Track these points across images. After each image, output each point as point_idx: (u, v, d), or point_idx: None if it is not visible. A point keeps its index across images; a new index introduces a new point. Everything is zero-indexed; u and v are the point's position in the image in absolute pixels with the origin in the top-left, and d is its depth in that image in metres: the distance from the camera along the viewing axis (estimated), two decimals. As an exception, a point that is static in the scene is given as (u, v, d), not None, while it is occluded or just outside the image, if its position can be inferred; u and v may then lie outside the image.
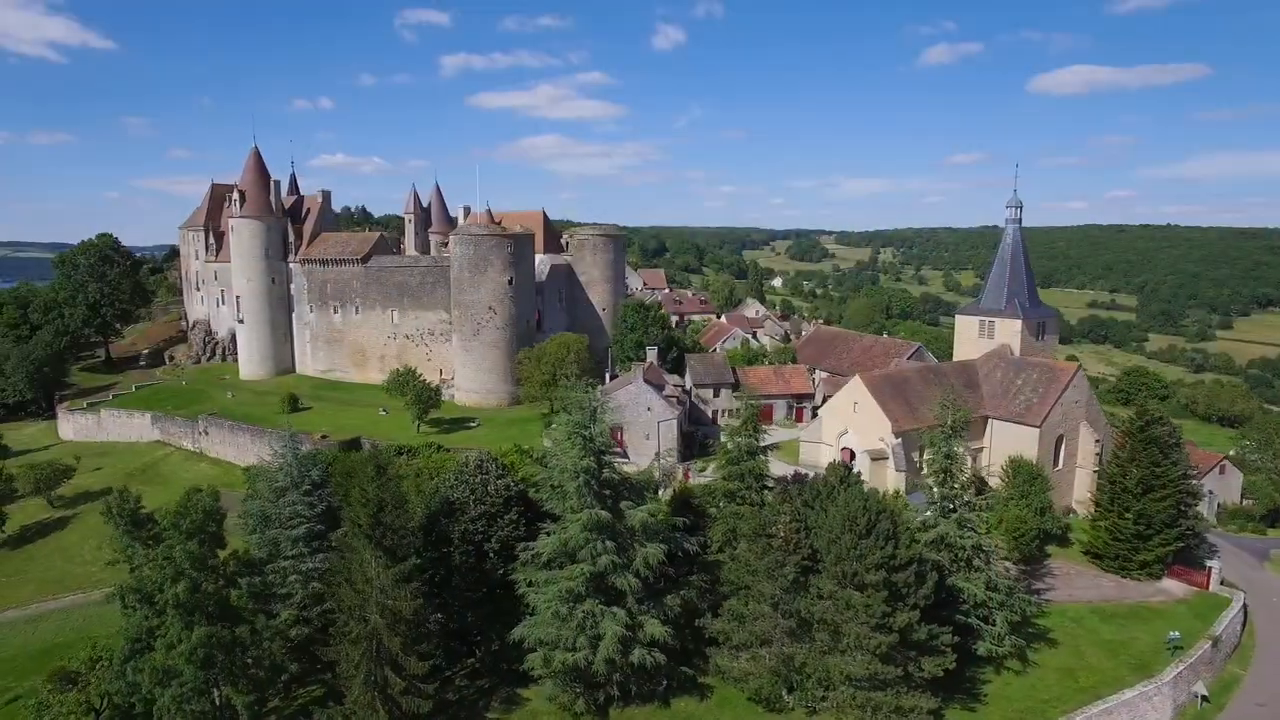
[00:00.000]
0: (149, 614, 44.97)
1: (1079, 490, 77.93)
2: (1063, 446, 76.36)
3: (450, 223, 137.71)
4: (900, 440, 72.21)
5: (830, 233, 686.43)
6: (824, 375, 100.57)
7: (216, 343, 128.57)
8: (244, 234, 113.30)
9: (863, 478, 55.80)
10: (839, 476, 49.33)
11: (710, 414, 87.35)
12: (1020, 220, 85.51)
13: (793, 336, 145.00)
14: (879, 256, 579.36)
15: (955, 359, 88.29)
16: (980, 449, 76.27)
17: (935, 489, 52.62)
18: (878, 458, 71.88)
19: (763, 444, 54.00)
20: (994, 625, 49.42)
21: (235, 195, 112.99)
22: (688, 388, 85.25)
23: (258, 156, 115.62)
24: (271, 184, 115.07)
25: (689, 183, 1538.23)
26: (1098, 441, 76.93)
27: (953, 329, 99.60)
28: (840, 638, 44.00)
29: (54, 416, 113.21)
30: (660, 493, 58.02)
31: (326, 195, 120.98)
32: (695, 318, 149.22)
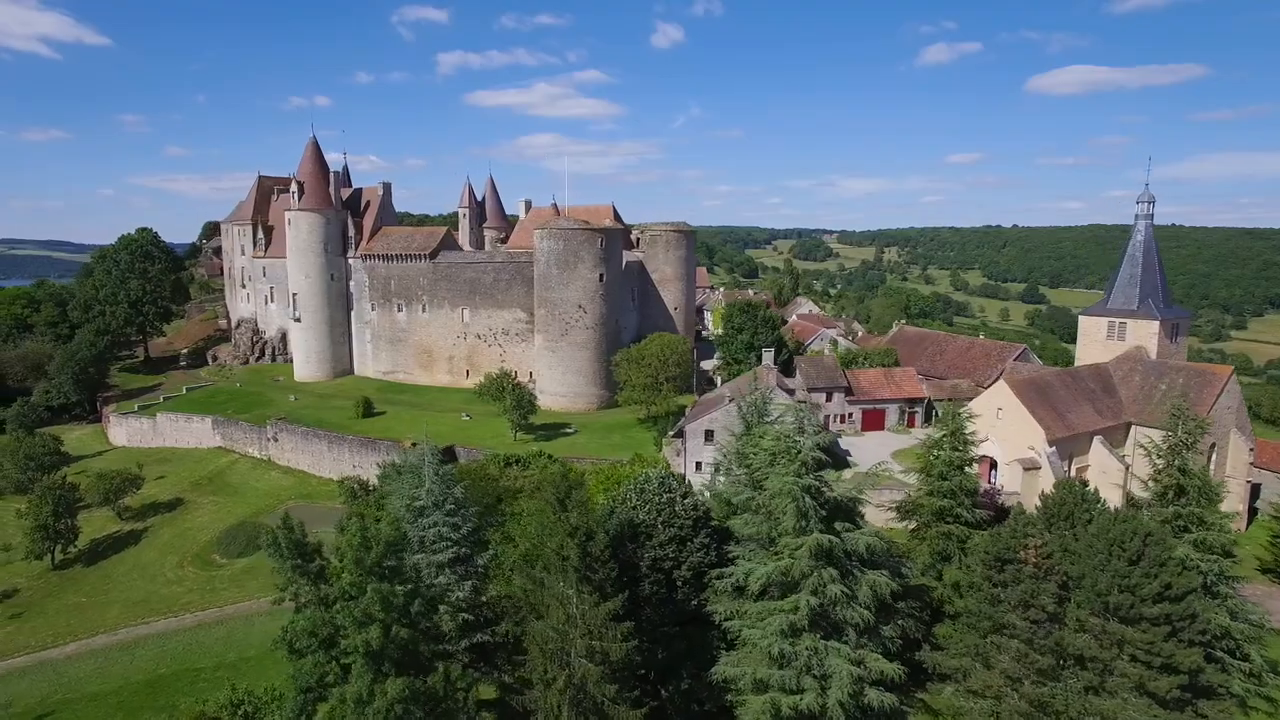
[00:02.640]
0: (322, 659, 39.43)
1: (1229, 502, 73.58)
2: (1213, 455, 72.09)
3: (505, 219, 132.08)
4: (1054, 449, 67.72)
5: (832, 232, 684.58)
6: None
7: (265, 342, 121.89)
8: (302, 227, 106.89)
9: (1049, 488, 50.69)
10: (1079, 495, 44.41)
11: (823, 419, 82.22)
12: (1152, 216, 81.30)
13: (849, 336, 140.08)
14: (883, 256, 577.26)
15: (1079, 362, 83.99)
16: (1124, 456, 72.08)
17: (1162, 508, 47.87)
18: (1029, 468, 67.43)
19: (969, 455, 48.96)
20: (1244, 660, 44.77)
21: (293, 187, 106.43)
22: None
23: (316, 147, 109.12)
24: (331, 176, 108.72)
25: (687, 181, 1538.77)
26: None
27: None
28: (1107, 677, 39.08)
29: (99, 419, 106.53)
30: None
31: (387, 187, 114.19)
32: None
